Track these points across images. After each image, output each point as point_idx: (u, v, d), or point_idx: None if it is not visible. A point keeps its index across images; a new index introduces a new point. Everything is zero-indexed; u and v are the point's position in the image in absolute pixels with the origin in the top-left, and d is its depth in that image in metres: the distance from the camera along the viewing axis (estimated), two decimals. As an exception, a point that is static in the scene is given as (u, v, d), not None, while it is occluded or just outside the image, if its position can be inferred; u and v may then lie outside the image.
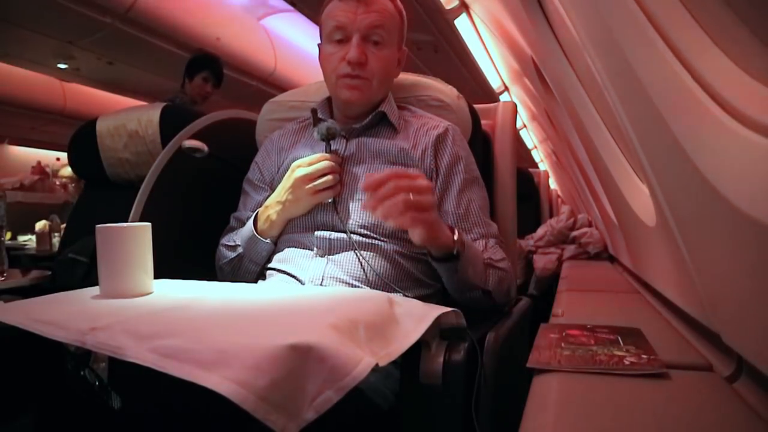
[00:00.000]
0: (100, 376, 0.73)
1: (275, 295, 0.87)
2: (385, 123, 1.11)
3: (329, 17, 1.07)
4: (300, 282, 1.01)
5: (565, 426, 0.62)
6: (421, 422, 0.79)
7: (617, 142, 1.46)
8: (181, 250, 1.16)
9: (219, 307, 0.75)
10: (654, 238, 1.13)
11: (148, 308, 0.72)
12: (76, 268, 1.60)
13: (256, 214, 1.10)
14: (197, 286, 0.89)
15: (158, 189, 1.22)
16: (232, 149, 1.29)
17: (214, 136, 1.27)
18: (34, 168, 4.53)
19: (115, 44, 3.87)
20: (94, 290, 0.82)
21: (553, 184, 5.28)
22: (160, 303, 0.77)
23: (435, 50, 3.90)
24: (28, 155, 6.03)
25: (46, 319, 0.66)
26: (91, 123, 1.81)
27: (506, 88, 4.40)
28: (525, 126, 5.51)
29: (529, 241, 2.92)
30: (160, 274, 0.86)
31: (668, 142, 0.68)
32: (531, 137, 6.12)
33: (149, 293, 0.81)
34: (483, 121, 1.27)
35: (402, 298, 0.84)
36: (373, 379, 0.82)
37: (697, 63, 0.61)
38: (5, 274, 1.71)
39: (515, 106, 1.37)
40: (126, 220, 1.13)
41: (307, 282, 1.00)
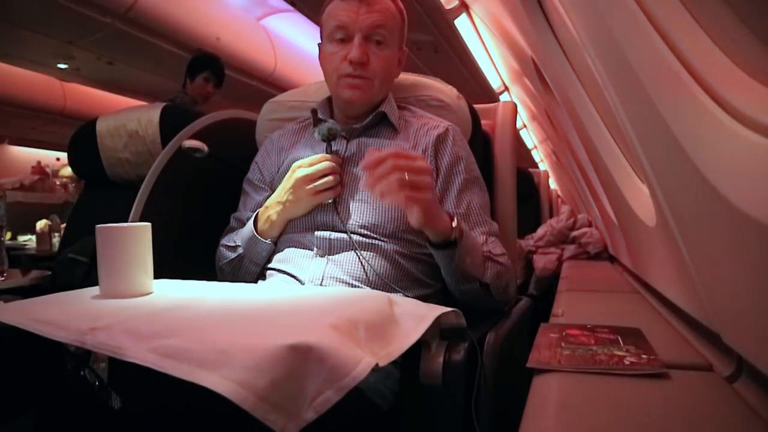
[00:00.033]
0: (100, 376, 0.73)
1: (275, 295, 0.87)
2: (385, 123, 1.11)
3: (331, 16, 1.06)
4: (300, 282, 1.01)
5: (565, 426, 0.62)
6: (421, 422, 0.79)
7: (617, 142, 1.46)
8: (181, 250, 1.16)
9: (219, 307, 0.75)
10: (654, 238, 1.13)
11: (148, 308, 0.72)
12: (76, 268, 1.60)
13: (256, 214, 1.10)
14: (197, 286, 0.89)
15: (158, 189, 1.22)
16: (232, 149, 1.29)
17: (214, 136, 1.27)
18: (34, 168, 4.55)
19: (115, 44, 3.86)
20: (94, 290, 0.82)
21: (553, 184, 5.28)
22: (160, 303, 0.77)
23: (435, 50, 3.90)
24: (28, 155, 6.04)
25: (46, 319, 0.66)
26: (91, 123, 1.81)
27: (506, 88, 4.40)
28: (525, 126, 5.51)
29: (529, 241, 2.92)
30: (160, 274, 0.86)
31: (668, 142, 0.68)
32: (531, 137, 6.12)
33: (149, 293, 0.81)
34: (483, 121, 1.27)
35: (402, 298, 0.84)
36: (373, 379, 0.83)
37: (697, 63, 0.61)
38: (5, 274, 1.71)
39: (515, 106, 1.38)
40: (126, 220, 1.14)
41: (307, 282, 1.00)
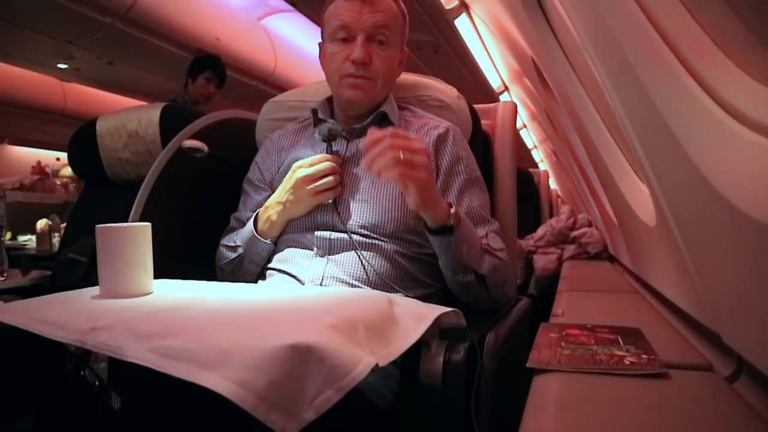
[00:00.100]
0: (100, 376, 0.73)
1: (275, 295, 0.87)
2: (385, 123, 1.11)
3: (333, 16, 1.06)
4: (300, 282, 1.01)
5: (565, 426, 0.62)
6: (421, 422, 0.79)
7: (617, 142, 1.46)
8: (181, 250, 1.16)
9: (219, 307, 0.75)
10: (654, 238, 1.13)
11: (148, 308, 0.72)
12: (76, 268, 1.60)
13: (256, 214, 1.10)
14: (197, 286, 0.89)
15: (158, 189, 1.22)
16: (232, 149, 1.29)
17: (214, 136, 1.27)
18: (34, 168, 4.55)
19: (115, 44, 3.86)
20: (94, 290, 0.82)
21: (553, 184, 5.28)
22: (160, 303, 0.77)
23: (435, 50, 3.90)
24: (28, 155, 6.04)
25: (46, 319, 0.66)
26: (91, 123, 1.81)
27: (506, 88, 4.39)
28: (525, 126, 5.51)
29: (529, 241, 2.92)
30: (160, 274, 0.86)
31: (668, 142, 0.68)
32: (531, 137, 6.12)
33: (149, 293, 0.81)
34: (483, 121, 1.27)
35: (402, 297, 0.84)
36: (373, 379, 0.82)
37: (697, 63, 0.61)
38: (5, 274, 1.71)
39: (515, 106, 1.38)
40: (126, 220, 1.14)
41: (307, 282, 1.00)
